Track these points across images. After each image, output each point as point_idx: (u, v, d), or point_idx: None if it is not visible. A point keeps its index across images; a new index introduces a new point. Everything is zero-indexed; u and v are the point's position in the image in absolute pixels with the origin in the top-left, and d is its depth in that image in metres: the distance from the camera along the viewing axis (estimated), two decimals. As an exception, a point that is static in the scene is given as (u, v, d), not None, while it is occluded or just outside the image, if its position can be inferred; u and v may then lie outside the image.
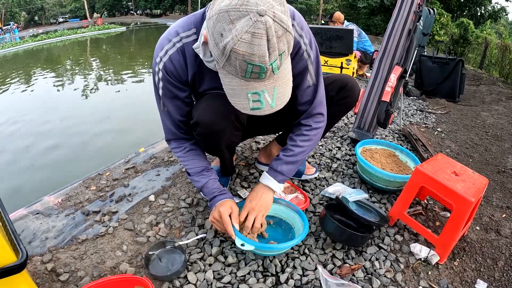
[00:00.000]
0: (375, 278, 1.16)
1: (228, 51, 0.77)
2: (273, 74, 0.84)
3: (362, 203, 1.44)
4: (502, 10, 15.98)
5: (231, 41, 0.76)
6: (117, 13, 45.96)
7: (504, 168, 2.07)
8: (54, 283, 1.12)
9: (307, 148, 1.23)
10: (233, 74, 0.84)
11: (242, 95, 0.87)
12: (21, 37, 20.90)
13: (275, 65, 0.81)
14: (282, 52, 0.80)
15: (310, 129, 1.23)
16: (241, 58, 0.77)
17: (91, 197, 1.60)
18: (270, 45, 0.76)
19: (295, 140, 1.24)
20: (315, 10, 22.30)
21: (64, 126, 4.60)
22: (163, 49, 1.07)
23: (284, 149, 1.26)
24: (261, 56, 0.76)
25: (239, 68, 0.80)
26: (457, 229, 1.21)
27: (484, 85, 4.83)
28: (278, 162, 1.23)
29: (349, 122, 2.65)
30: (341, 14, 4.92)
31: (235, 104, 0.91)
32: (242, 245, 1.10)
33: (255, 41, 0.75)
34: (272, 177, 1.23)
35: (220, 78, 0.90)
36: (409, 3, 2.06)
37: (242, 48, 0.75)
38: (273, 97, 0.88)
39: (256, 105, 0.89)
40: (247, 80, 0.84)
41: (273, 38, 0.76)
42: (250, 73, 0.81)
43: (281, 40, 0.78)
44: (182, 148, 1.27)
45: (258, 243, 1.12)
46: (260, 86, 0.86)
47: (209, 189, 1.24)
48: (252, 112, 0.90)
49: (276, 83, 0.87)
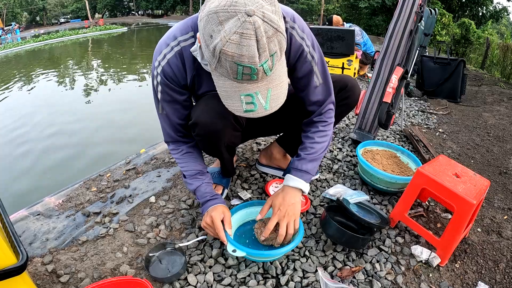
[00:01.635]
0: (376, 280, 1.15)
1: (217, 53, 0.77)
2: (265, 75, 0.83)
3: (363, 205, 1.43)
4: (504, 10, 15.93)
5: (220, 42, 0.75)
6: (119, 13, 46.02)
7: (506, 169, 2.06)
8: (55, 284, 1.12)
9: (326, 143, 1.24)
10: (225, 76, 0.83)
11: (235, 97, 0.87)
12: (22, 38, 20.94)
13: (267, 66, 0.80)
14: (273, 52, 0.79)
15: (326, 125, 1.24)
16: (230, 59, 0.76)
17: (92, 198, 1.60)
18: (259, 45, 0.75)
19: (313, 138, 1.23)
20: (316, 10, 22.28)
21: (65, 126, 4.61)
22: (162, 53, 1.08)
23: (303, 148, 1.25)
24: (251, 57, 0.76)
25: (230, 69, 0.79)
26: (458, 231, 1.20)
27: (485, 85, 4.81)
28: (302, 162, 1.21)
29: (350, 123, 2.64)
30: (339, 17, 4.90)
31: (228, 106, 0.90)
32: (233, 251, 1.08)
33: (243, 41, 0.74)
34: (298, 177, 1.20)
35: (214, 81, 0.89)
36: (411, 4, 2.06)
37: (231, 49, 0.75)
38: (267, 99, 0.88)
39: (250, 107, 0.88)
40: (240, 82, 0.83)
41: (262, 39, 0.75)
42: (241, 74, 0.80)
43: (272, 40, 0.77)
44: (179, 150, 1.27)
45: (249, 249, 1.10)
46: (253, 88, 0.85)
47: (201, 193, 1.23)
48: (245, 115, 0.89)
49: (270, 85, 0.86)
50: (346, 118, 2.74)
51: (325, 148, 1.25)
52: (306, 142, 1.25)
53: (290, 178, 1.22)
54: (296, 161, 1.23)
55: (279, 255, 1.21)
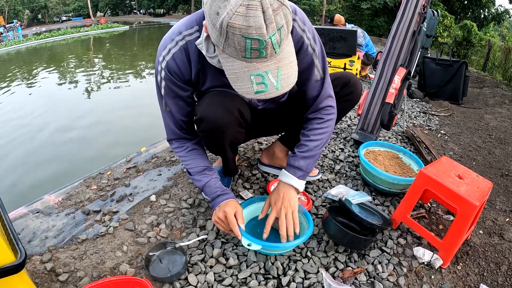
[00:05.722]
0: (378, 281, 1.14)
1: (225, 28, 0.76)
2: (274, 52, 0.82)
3: (365, 206, 1.42)
4: (506, 12, 15.90)
5: (227, 16, 0.75)
6: (120, 12, 46.11)
7: (507, 171, 2.05)
8: (53, 283, 1.11)
9: (321, 141, 1.22)
10: (234, 56, 0.83)
11: (245, 78, 0.85)
12: (24, 35, 20.97)
13: (275, 40, 0.79)
14: (280, 26, 0.78)
15: (322, 122, 1.23)
16: (238, 32, 0.76)
17: (92, 197, 1.59)
18: (266, 16, 0.75)
19: (308, 135, 1.23)
20: (318, 11, 22.27)
21: (65, 124, 4.60)
22: (166, 48, 1.07)
23: (298, 145, 1.24)
24: (258, 28, 0.75)
25: (238, 45, 0.79)
26: (461, 233, 1.19)
27: (487, 87, 4.80)
28: (295, 158, 1.21)
29: (353, 124, 2.64)
30: (341, 16, 4.91)
31: (238, 90, 0.88)
32: (248, 245, 1.09)
33: (250, 12, 0.74)
34: (291, 174, 1.20)
35: (222, 65, 0.88)
36: (414, 5, 2.05)
37: (238, 21, 0.74)
38: (277, 79, 0.86)
39: (260, 88, 0.86)
40: (248, 61, 0.82)
41: (268, 10, 0.75)
42: (249, 50, 0.79)
43: (278, 13, 0.77)
44: (184, 147, 1.26)
45: (265, 242, 1.11)
46: (263, 66, 0.84)
47: (211, 188, 1.23)
48: (257, 96, 0.87)
49: (280, 64, 0.85)
50: (348, 118, 2.73)
51: (321, 145, 1.23)
52: (301, 139, 1.25)
53: (283, 173, 1.23)
54: (290, 157, 1.24)
55: (293, 246, 1.22)
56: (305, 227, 1.25)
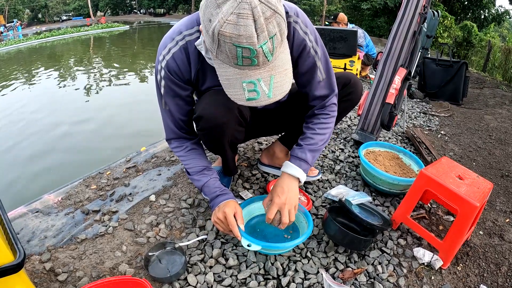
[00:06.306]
0: (378, 282, 1.14)
1: (216, 35, 0.76)
2: (267, 60, 0.81)
3: (365, 206, 1.42)
4: (506, 13, 15.92)
5: (218, 24, 0.75)
6: (121, 11, 46.12)
7: (507, 172, 2.05)
8: (52, 283, 1.10)
9: (325, 136, 1.24)
10: (226, 62, 0.83)
11: (237, 85, 0.85)
12: (24, 35, 20.97)
13: (266, 49, 0.78)
14: (273, 35, 0.77)
15: (328, 117, 1.24)
16: (228, 41, 0.76)
17: (91, 196, 1.59)
18: (257, 25, 0.74)
19: (313, 129, 1.23)
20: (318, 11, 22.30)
21: (65, 123, 4.59)
22: (166, 48, 1.07)
23: (303, 138, 1.24)
24: (248, 37, 0.75)
25: (230, 53, 0.78)
26: (461, 233, 1.19)
27: (487, 88, 4.80)
28: (301, 150, 1.21)
29: (353, 124, 2.63)
30: (345, 16, 4.91)
31: (231, 96, 0.89)
32: (248, 246, 1.09)
33: (240, 21, 0.73)
34: (296, 165, 1.20)
35: (216, 70, 0.88)
36: (414, 5, 2.05)
37: (229, 30, 0.74)
38: (270, 87, 0.86)
39: (252, 95, 0.86)
40: (241, 68, 0.82)
41: (260, 19, 0.74)
42: (241, 58, 0.79)
43: (270, 21, 0.76)
44: (183, 147, 1.26)
45: (264, 242, 1.11)
46: (255, 74, 0.83)
47: (210, 188, 1.22)
48: (248, 103, 0.87)
49: (272, 72, 0.85)
50: (348, 119, 2.73)
51: (326, 140, 1.24)
52: (307, 133, 1.25)
53: (288, 165, 1.21)
54: (296, 149, 1.23)
55: (292, 247, 1.22)
56: (305, 227, 1.25)
